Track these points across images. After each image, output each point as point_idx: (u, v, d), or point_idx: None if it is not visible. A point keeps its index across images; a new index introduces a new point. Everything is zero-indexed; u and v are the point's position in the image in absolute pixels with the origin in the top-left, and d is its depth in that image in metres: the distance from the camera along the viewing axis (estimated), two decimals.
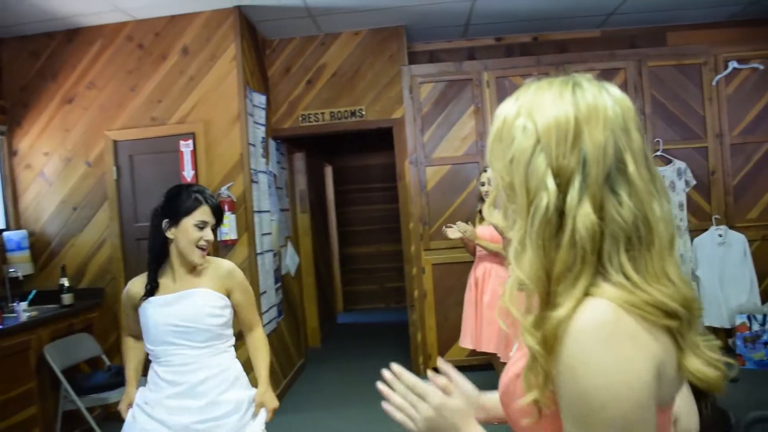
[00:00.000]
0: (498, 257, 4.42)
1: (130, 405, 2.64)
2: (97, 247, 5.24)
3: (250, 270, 5.02)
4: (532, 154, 0.94)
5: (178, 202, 2.52)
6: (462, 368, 1.18)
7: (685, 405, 1.78)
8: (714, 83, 5.65)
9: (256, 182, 5.29)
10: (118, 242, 5.17)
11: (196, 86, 5.07)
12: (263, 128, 5.55)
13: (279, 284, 5.80)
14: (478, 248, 4.55)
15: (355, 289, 9.70)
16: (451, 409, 1.10)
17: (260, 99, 5.50)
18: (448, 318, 5.65)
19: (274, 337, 5.39)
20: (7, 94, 5.27)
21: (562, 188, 0.92)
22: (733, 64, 5.64)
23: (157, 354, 2.57)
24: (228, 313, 2.65)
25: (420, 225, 5.82)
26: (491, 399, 1.25)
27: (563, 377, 0.89)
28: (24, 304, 4.52)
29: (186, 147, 5.07)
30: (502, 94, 5.73)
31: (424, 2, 5.30)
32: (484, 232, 4.52)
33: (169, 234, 2.51)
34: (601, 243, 0.90)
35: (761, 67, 5.61)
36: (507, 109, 1.01)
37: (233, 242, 5.05)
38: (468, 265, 4.75)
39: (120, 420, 2.66)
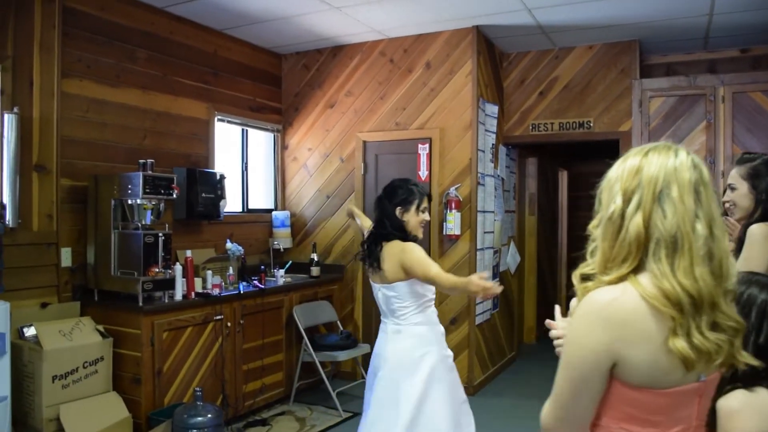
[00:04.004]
0: None
1: None
2: (342, 231, 6.16)
3: (469, 263, 5.56)
4: (614, 183, 1.44)
5: (406, 194, 3.20)
6: None
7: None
8: None
9: (482, 185, 5.80)
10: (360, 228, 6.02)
11: (435, 97, 5.72)
12: (494, 135, 6.05)
13: (497, 279, 6.26)
14: None
15: None
16: None
17: (492, 109, 6.01)
18: None
19: (485, 326, 5.91)
20: (284, 99, 6.44)
21: (626, 202, 1.38)
22: None
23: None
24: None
25: None
26: None
27: (572, 316, 1.42)
28: (282, 272, 5.55)
29: (423, 150, 5.75)
30: (738, 110, 5.56)
31: (657, 18, 5.36)
32: None
33: (405, 217, 3.17)
34: (647, 243, 1.33)
35: None
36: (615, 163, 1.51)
37: (456, 237, 5.62)
38: None
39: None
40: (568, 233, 9.79)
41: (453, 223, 5.60)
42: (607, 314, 1.31)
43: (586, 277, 1.47)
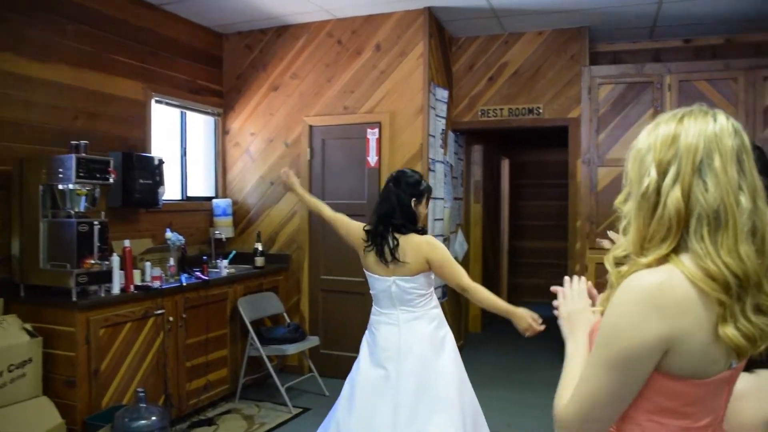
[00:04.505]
0: None
1: None
2: (288, 218, 5.91)
3: None
4: (645, 154, 1.29)
5: (421, 187, 3.20)
6: None
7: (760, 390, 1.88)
8: None
9: (433, 171, 5.66)
10: (306, 215, 5.79)
11: (385, 80, 5.53)
12: (443, 121, 5.92)
13: None
14: None
15: (521, 282, 9.84)
16: (586, 317, 1.51)
17: (443, 93, 5.87)
18: None
19: None
20: (225, 81, 6.11)
21: (661, 175, 1.24)
22: None
23: None
24: None
25: (587, 224, 5.89)
26: None
27: (608, 306, 1.25)
28: (225, 262, 5.26)
29: (372, 135, 5.56)
30: (684, 98, 5.61)
31: (608, 4, 5.34)
32: None
33: (417, 209, 3.18)
34: (689, 219, 1.20)
35: None
36: (642, 130, 1.36)
37: None
38: None
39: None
40: (510, 222, 9.83)
41: None
42: (660, 301, 1.17)
43: (619, 262, 1.34)
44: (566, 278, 1.63)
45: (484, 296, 3.06)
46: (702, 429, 1.26)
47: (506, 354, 6.70)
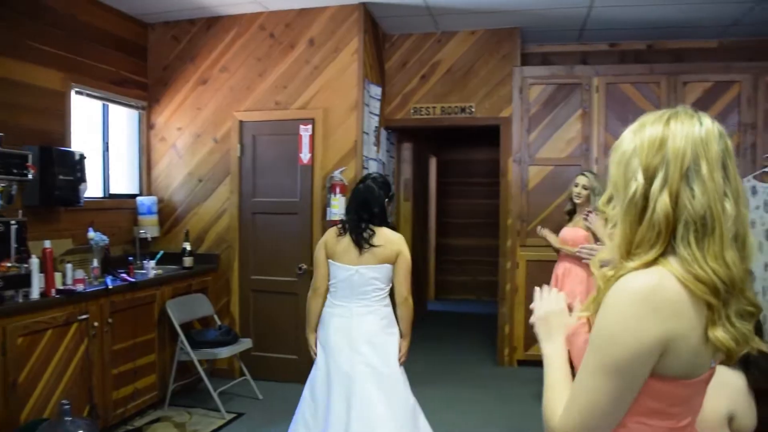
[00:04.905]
0: (578, 258, 4.59)
1: None
2: (217, 217, 5.71)
3: None
4: (631, 157, 1.27)
5: (391, 190, 3.63)
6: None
7: (742, 404, 1.95)
8: None
9: (367, 168, 5.59)
10: (236, 213, 5.61)
11: (319, 75, 5.42)
12: (377, 118, 5.86)
13: None
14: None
15: (448, 279, 9.92)
16: (562, 320, 1.49)
17: (376, 90, 5.81)
18: None
19: None
20: (150, 73, 5.82)
21: (648, 180, 1.22)
22: None
23: None
24: None
25: (518, 222, 5.98)
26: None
27: (599, 310, 1.23)
28: (152, 263, 5.01)
29: (305, 131, 5.43)
30: (611, 100, 5.79)
31: (541, 6, 5.43)
32: (567, 233, 4.75)
33: (388, 208, 3.54)
34: (676, 225, 1.20)
35: None
36: (625, 131, 1.33)
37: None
38: None
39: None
40: (437, 220, 9.90)
41: (338, 207, 5.34)
42: (655, 302, 1.16)
43: (603, 266, 1.33)
44: (538, 288, 1.62)
45: (409, 313, 3.46)
46: (684, 428, 1.27)
47: (435, 351, 6.72)
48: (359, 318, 3.37)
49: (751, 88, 5.59)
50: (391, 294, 3.47)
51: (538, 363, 1.45)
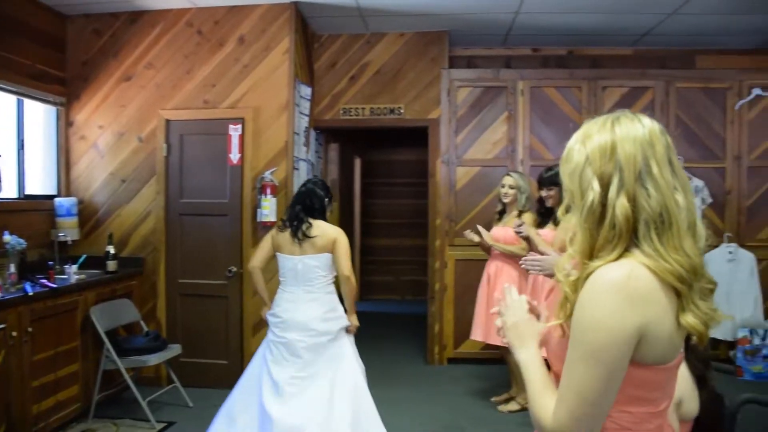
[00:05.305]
0: (509, 257, 4.74)
1: None
2: (142, 218, 5.50)
3: None
4: (584, 167, 1.34)
5: (331, 193, 4.12)
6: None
7: (688, 390, 2.06)
8: (737, 108, 5.89)
9: (297, 169, 5.54)
10: (162, 215, 5.43)
11: (248, 74, 5.32)
12: (307, 118, 5.81)
13: None
14: (492, 247, 4.89)
15: (372, 279, 9.95)
16: (533, 327, 1.51)
17: (307, 91, 5.76)
18: (465, 312, 5.83)
19: None
20: (69, 68, 5.54)
21: (604, 188, 1.30)
22: (756, 91, 5.88)
23: None
24: None
25: (446, 221, 6.08)
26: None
27: (575, 308, 1.28)
28: (74, 267, 4.77)
29: (235, 131, 5.32)
30: (535, 103, 5.98)
31: (469, 11, 5.54)
32: (498, 232, 4.89)
33: (328, 208, 4.01)
34: (636, 225, 1.27)
35: None
36: (571, 139, 1.41)
37: (272, 224, 5.26)
38: None
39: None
40: (361, 220, 9.92)
41: (268, 209, 5.28)
42: (630, 291, 1.23)
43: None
44: (505, 286, 1.64)
45: (352, 287, 3.88)
46: (661, 413, 1.34)
47: (361, 352, 6.72)
48: (305, 304, 3.79)
49: (664, 94, 5.91)
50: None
51: (468, 360, 1.49)
